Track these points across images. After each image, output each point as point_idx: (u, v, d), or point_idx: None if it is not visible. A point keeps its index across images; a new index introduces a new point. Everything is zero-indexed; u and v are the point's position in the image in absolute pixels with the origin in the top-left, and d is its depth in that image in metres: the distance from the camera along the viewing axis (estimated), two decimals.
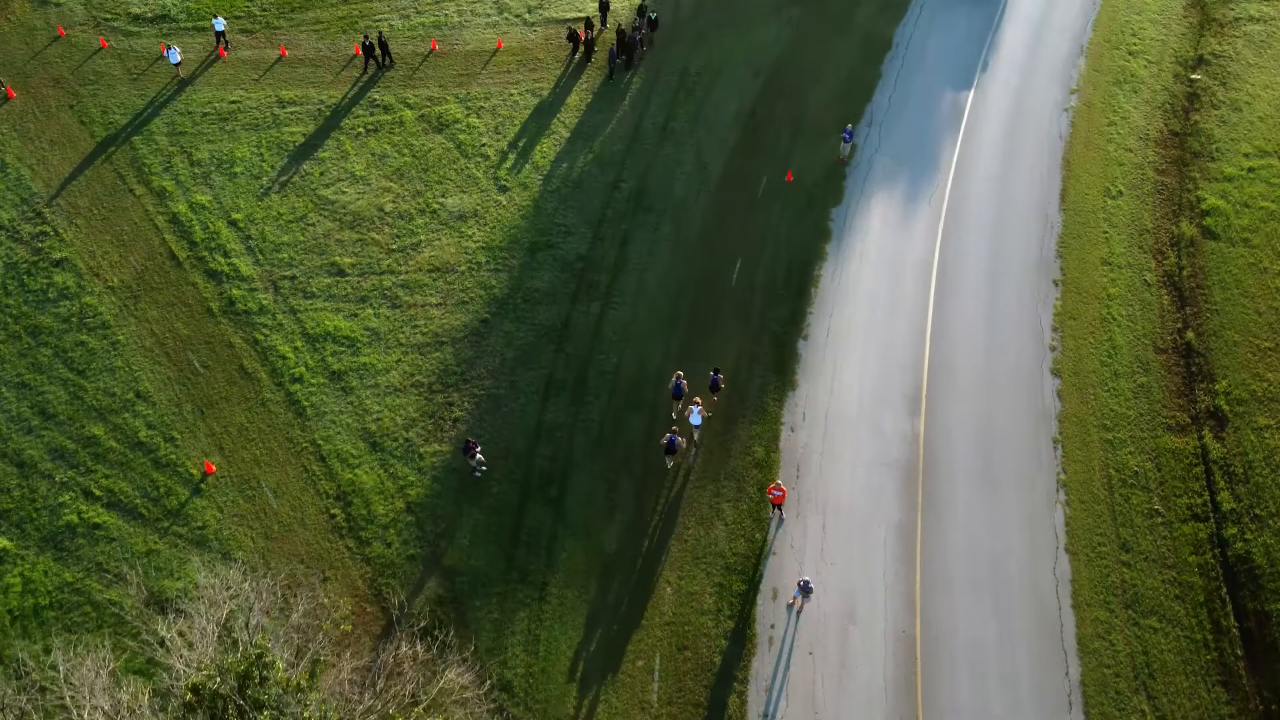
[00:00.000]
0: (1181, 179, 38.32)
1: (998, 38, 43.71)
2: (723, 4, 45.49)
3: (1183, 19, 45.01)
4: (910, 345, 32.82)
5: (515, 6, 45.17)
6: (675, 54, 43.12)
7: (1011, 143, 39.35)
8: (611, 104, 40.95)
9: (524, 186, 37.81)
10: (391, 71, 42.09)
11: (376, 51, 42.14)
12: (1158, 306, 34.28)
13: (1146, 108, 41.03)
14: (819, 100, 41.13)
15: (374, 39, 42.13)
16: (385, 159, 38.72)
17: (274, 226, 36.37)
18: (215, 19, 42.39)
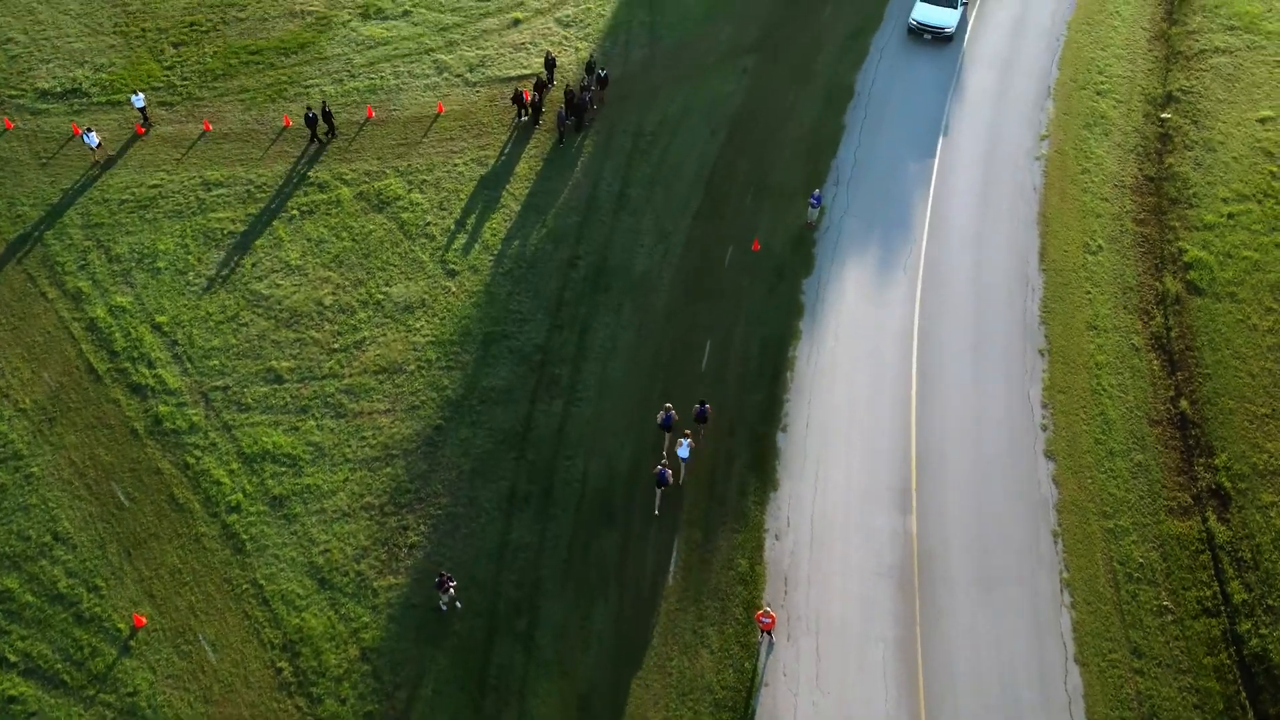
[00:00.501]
0: (1161, 229, 36.62)
1: (962, 82, 41.76)
2: (675, 55, 43.05)
3: (1148, 53, 43.41)
4: (895, 433, 30.66)
5: (455, 65, 42.33)
6: (628, 112, 40.59)
7: (985, 197, 37.38)
8: (563, 171, 38.33)
9: (474, 269, 35.07)
10: (334, 142, 39.09)
11: (320, 124, 39.15)
12: (1148, 373, 32.47)
13: (1119, 151, 39.31)
14: (781, 157, 38.86)
15: (317, 110, 39.15)
16: (323, 245, 35.75)
17: (203, 329, 33.27)
18: (134, 95, 39.01)
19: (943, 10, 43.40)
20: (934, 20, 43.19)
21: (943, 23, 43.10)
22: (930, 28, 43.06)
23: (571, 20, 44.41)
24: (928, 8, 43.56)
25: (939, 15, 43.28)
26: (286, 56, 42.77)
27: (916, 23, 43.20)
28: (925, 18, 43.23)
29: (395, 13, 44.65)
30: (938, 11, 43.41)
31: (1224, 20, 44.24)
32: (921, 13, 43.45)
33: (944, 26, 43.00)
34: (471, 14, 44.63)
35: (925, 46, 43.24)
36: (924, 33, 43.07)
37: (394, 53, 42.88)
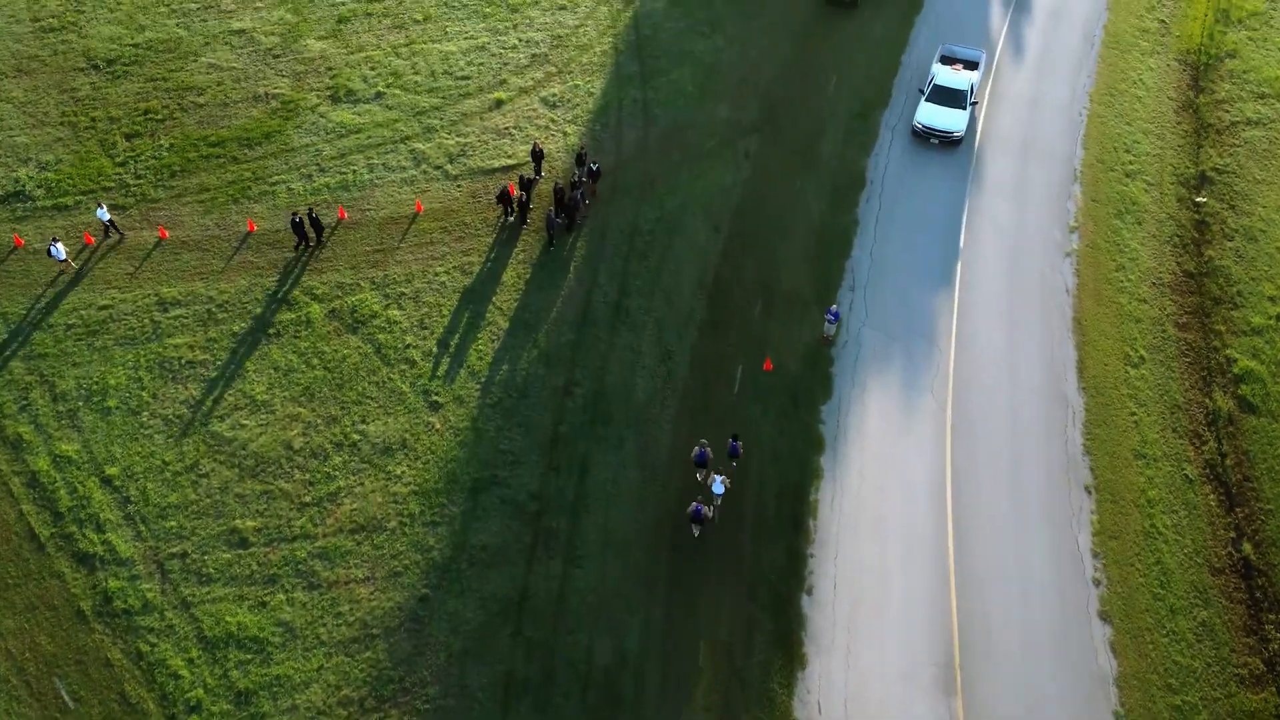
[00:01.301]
0: (1206, 334, 33.54)
1: (981, 167, 38.55)
2: (670, 137, 39.66)
3: (1176, 126, 40.35)
4: (934, 597, 27.43)
5: (434, 155, 38.79)
6: (622, 207, 37.16)
7: (1014, 302, 34.19)
8: (554, 278, 34.89)
9: (459, 400, 31.60)
10: (305, 250, 35.52)
11: (309, 230, 35.69)
12: (1205, 510, 29.37)
13: (1154, 243, 36.21)
14: (791, 257, 35.55)
15: (303, 215, 35.75)
16: (291, 374, 32.20)
17: (158, 482, 29.67)
18: (99, 208, 35.20)
19: (950, 112, 38.78)
20: (941, 124, 38.65)
21: (950, 126, 38.56)
22: (937, 132, 38.62)
23: (558, 100, 40.96)
24: (933, 109, 38.95)
25: (946, 118, 38.71)
26: (250, 148, 39.11)
27: (922, 126, 38.82)
28: (931, 121, 38.77)
29: (367, 95, 41.07)
30: (944, 114, 38.80)
31: (1254, 88, 41.28)
32: (926, 115, 38.93)
33: (952, 131, 38.50)
34: (450, 95, 41.10)
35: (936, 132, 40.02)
36: (930, 137, 38.83)
37: (367, 142, 39.30)
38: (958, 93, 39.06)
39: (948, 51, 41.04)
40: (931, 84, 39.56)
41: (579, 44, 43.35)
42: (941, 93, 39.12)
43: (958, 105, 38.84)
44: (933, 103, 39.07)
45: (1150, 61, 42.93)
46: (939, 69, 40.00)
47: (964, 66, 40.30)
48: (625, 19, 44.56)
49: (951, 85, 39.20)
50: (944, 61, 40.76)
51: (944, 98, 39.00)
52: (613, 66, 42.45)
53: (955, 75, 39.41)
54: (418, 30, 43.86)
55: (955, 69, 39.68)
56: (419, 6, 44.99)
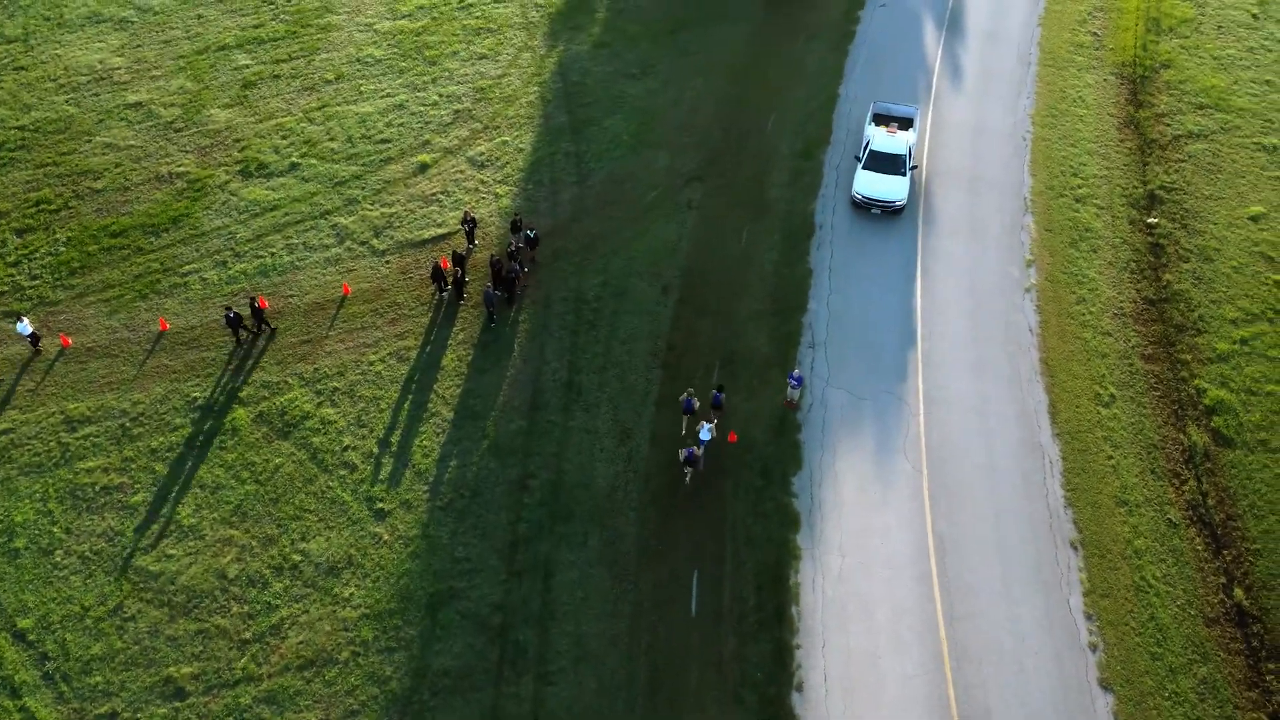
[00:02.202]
0: (1173, 365, 32.77)
1: (931, 203, 37.42)
2: (608, 192, 37.83)
3: (1120, 144, 39.72)
4: (930, 678, 26.03)
5: (358, 230, 36.43)
6: (564, 273, 35.22)
7: (979, 347, 33.04)
8: (498, 359, 32.83)
9: (407, 506, 29.39)
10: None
11: (248, 323, 33.23)
12: (1192, 556, 28.47)
13: (1111, 270, 35.42)
14: (745, 315, 33.97)
15: (240, 307, 33.54)
16: (220, 492, 29.65)
17: (79, 631, 26.96)
18: (19, 321, 32.19)
19: (889, 179, 36.36)
20: (881, 193, 36.16)
21: (891, 195, 36.11)
22: (878, 202, 36.21)
23: (486, 159, 38.87)
24: (871, 178, 36.46)
25: (886, 186, 36.26)
26: (156, 236, 36.34)
27: (861, 197, 36.32)
28: (870, 191, 36.25)
29: (281, 167, 38.51)
30: (883, 181, 36.35)
31: (1192, 99, 40.89)
32: (865, 184, 36.40)
33: (893, 200, 36.11)
34: (370, 161, 38.75)
35: (882, 162, 38.78)
36: (871, 208, 36.52)
37: (285, 219, 36.79)
38: (895, 158, 36.65)
39: (880, 109, 38.74)
40: (867, 150, 37.04)
41: (503, 96, 41.31)
42: (878, 159, 36.70)
43: (897, 171, 36.47)
44: (870, 170, 36.60)
45: (1088, 78, 42.33)
46: (873, 132, 37.51)
47: (898, 125, 38.03)
48: (550, 65, 42.63)
49: (888, 150, 36.76)
50: (877, 121, 38.35)
51: (881, 164, 36.60)
52: (541, 118, 40.50)
53: (891, 139, 37.01)
54: (330, 91, 41.41)
55: (890, 131, 37.28)
56: (329, 65, 42.52)
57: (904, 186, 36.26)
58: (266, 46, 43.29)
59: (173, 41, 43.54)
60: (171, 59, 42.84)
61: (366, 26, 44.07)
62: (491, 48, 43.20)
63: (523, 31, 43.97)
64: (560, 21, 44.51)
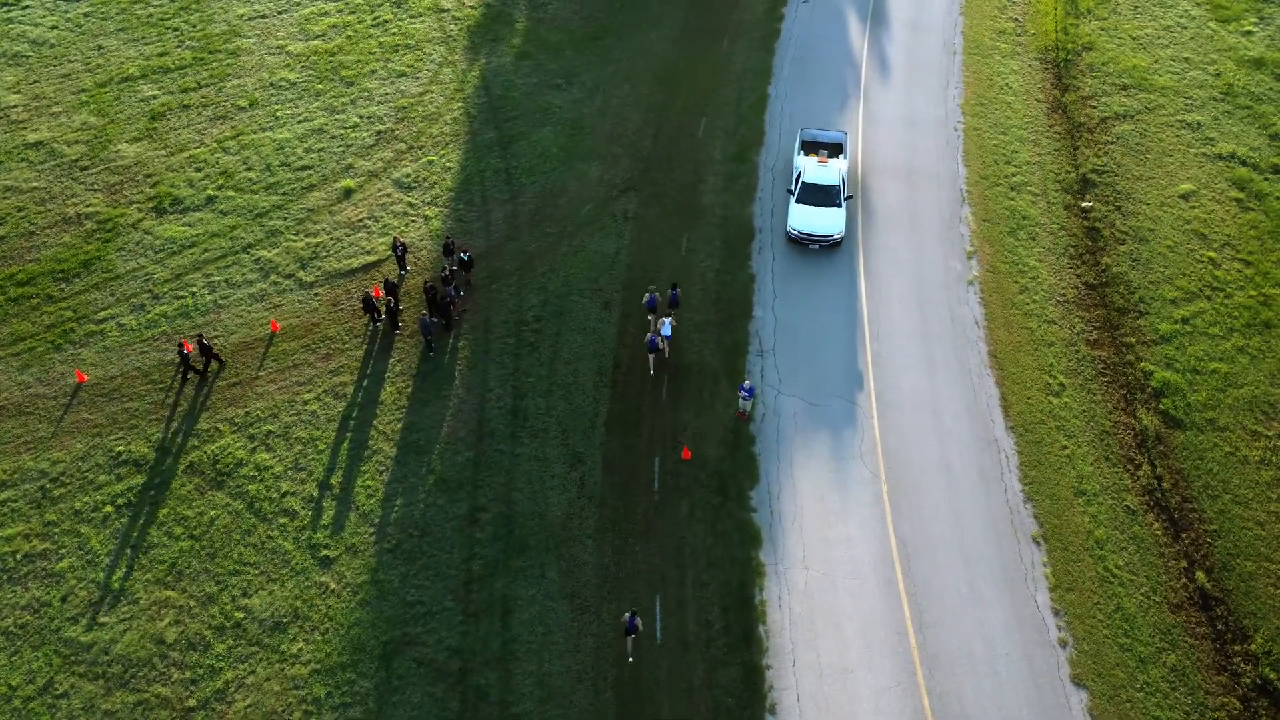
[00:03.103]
0: (1118, 349, 32.82)
1: (870, 199, 37.05)
2: (542, 207, 36.77)
3: (1050, 130, 39.82)
4: (904, 689, 25.49)
5: (283, 263, 34.85)
6: (503, 295, 34.10)
7: (926, 343, 32.71)
8: (440, 389, 31.61)
9: (353, 551, 28.05)
10: (162, 393, 31.14)
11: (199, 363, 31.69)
12: (1153, 542, 28.43)
13: (1051, 257, 35.41)
14: (691, 326, 33.19)
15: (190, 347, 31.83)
16: (152, 551, 27.99)
17: (6, 714, 25.14)
18: None
19: (824, 212, 34.71)
20: (817, 228, 34.47)
21: (828, 229, 34.44)
22: (815, 237, 34.55)
23: (413, 181, 37.53)
24: (805, 212, 34.81)
25: (821, 220, 34.59)
26: (67, 282, 34.36)
27: (797, 232, 34.61)
28: (806, 226, 34.56)
29: (197, 201, 36.74)
30: (818, 215, 34.68)
31: (1115, 80, 41.18)
32: (800, 219, 34.72)
33: (830, 234, 34.46)
34: (291, 189, 37.16)
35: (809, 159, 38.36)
36: (809, 243, 34.88)
37: (204, 256, 35.06)
38: (829, 189, 35.01)
39: (808, 137, 37.22)
40: (799, 182, 35.34)
41: (426, 114, 39.97)
42: (811, 191, 35.03)
43: (831, 203, 34.82)
44: (804, 204, 34.90)
45: (1013, 64, 42.40)
46: (803, 163, 35.85)
47: (828, 153, 36.70)
48: (473, 79, 41.39)
49: (821, 182, 35.11)
50: (805, 149, 36.84)
51: (815, 196, 34.94)
52: (467, 135, 39.26)
53: (823, 169, 35.37)
54: (244, 119, 39.65)
55: (821, 160, 35.70)
56: (241, 91, 40.73)
57: (840, 219, 34.72)
58: (173, 75, 41.35)
59: (72, 75, 41.36)
60: (72, 93, 40.67)
61: (278, 49, 42.36)
62: (410, 64, 41.82)
63: (441, 46, 42.66)
64: (479, 34, 43.30)
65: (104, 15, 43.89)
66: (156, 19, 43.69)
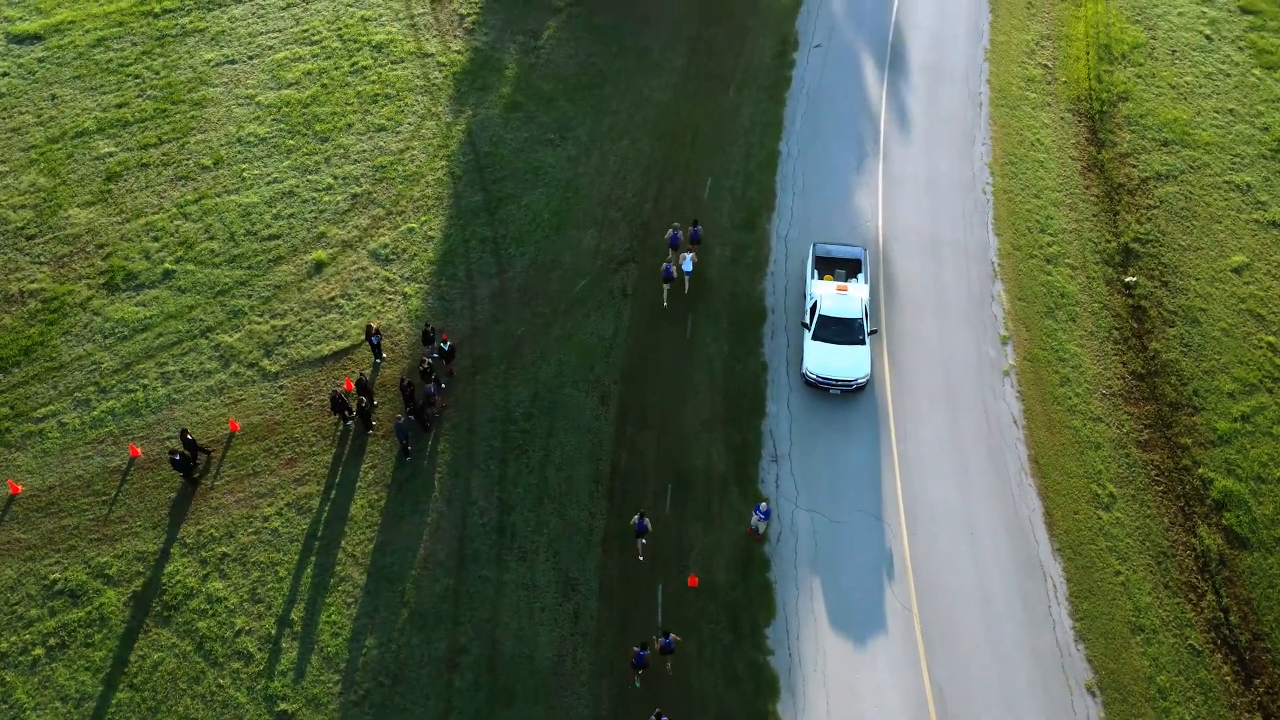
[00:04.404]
0: (1172, 452, 29.11)
1: (892, 275, 33.28)
2: (532, 283, 32.97)
3: (1086, 192, 36.05)
4: None
5: (245, 350, 31.06)
6: (488, 389, 30.32)
7: (960, 447, 29.00)
8: (417, 501, 27.85)
9: (315, 704, 24.30)
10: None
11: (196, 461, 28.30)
12: (1221, 690, 24.75)
13: (1093, 342, 31.67)
14: (697, 424, 29.47)
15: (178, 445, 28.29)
16: (85, 704, 24.23)
17: None
18: None
19: (845, 351, 29.53)
20: (838, 371, 29.32)
21: (850, 372, 29.35)
22: (836, 382, 29.50)
23: (391, 252, 33.72)
24: (823, 351, 29.59)
25: (842, 361, 29.44)
26: (4, 372, 30.56)
27: (815, 376, 29.56)
28: (825, 369, 29.40)
29: (153, 276, 32.92)
30: (839, 355, 29.48)
31: (1154, 134, 37.42)
32: (817, 360, 29.54)
33: (853, 379, 29.38)
34: (256, 262, 33.35)
35: (836, 219, 34.56)
36: (828, 389, 29.82)
37: (158, 342, 31.25)
38: (850, 324, 29.96)
39: (822, 252, 32.10)
40: (815, 314, 30.23)
41: (407, 173, 36.14)
42: (830, 326, 29.93)
43: (853, 339, 29.71)
44: (821, 340, 29.79)
45: (1043, 116, 38.61)
46: (819, 290, 30.75)
47: (846, 273, 31.78)
48: (458, 134, 37.55)
49: (840, 315, 30.04)
50: (819, 267, 31.87)
51: (834, 332, 29.83)
52: (451, 198, 35.45)
53: (843, 300, 30.26)
54: (208, 180, 35.81)
55: (841, 288, 30.63)
56: (205, 148, 36.88)
57: (864, 359, 29.56)
58: (132, 129, 37.48)
59: (21, 129, 37.50)
60: (20, 150, 36.82)
61: (247, 99, 38.50)
62: (390, 116, 37.97)
63: (424, 96, 38.81)
64: (466, 81, 39.45)
65: (60, 60, 40.00)
66: (117, 65, 39.81)
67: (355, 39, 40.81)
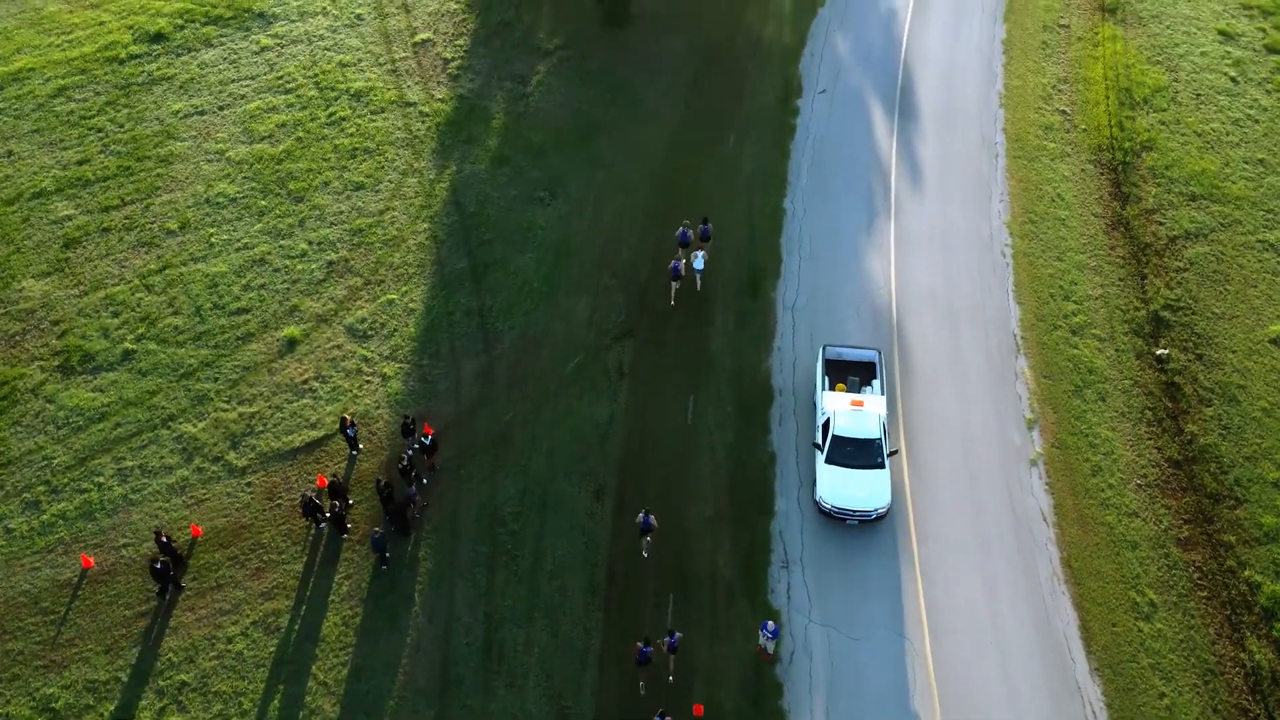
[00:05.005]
0: (1214, 551, 26.60)
1: (907, 347, 30.68)
2: (521, 360, 30.35)
3: (1111, 253, 33.53)
4: None
5: (210, 441, 28.40)
6: (474, 483, 27.70)
7: (986, 550, 26.44)
8: (395, 617, 25.23)
9: None
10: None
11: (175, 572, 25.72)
12: None
13: (1125, 424, 29.15)
14: (700, 523, 26.88)
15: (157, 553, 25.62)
16: None
17: None
18: None
19: (864, 476, 26.15)
20: (856, 501, 25.96)
21: (869, 502, 25.99)
22: (854, 514, 26.14)
23: (369, 327, 31.08)
24: (839, 477, 26.20)
25: (861, 489, 26.06)
26: None
27: (830, 506, 26.15)
28: (840, 498, 26.04)
29: (112, 357, 30.24)
30: (856, 481, 26.09)
31: (1182, 187, 34.91)
32: (832, 488, 26.15)
33: (872, 509, 26.05)
34: (224, 339, 30.69)
35: (846, 285, 31.97)
36: (845, 519, 26.41)
37: (115, 433, 28.59)
38: (868, 444, 26.49)
39: (833, 355, 28.69)
40: (828, 434, 26.73)
41: (387, 237, 33.49)
42: (844, 447, 26.50)
43: (871, 462, 26.27)
44: (836, 464, 26.33)
45: (1063, 168, 36.05)
46: (831, 404, 27.20)
47: (859, 380, 28.34)
48: (442, 191, 34.90)
49: (856, 435, 26.60)
50: (829, 373, 28.32)
51: (850, 455, 26.41)
52: (434, 264, 32.82)
53: (858, 416, 26.79)
54: (173, 246, 33.13)
55: (856, 403, 27.05)
56: (171, 209, 34.19)
57: (885, 485, 26.11)
58: (94, 189, 34.77)
59: None
60: None
61: (217, 154, 35.78)
62: (370, 173, 35.29)
63: (406, 149, 36.13)
64: (450, 132, 36.78)
65: (18, 112, 37.24)
66: (79, 117, 37.05)
67: (333, 86, 38.11)
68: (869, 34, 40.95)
